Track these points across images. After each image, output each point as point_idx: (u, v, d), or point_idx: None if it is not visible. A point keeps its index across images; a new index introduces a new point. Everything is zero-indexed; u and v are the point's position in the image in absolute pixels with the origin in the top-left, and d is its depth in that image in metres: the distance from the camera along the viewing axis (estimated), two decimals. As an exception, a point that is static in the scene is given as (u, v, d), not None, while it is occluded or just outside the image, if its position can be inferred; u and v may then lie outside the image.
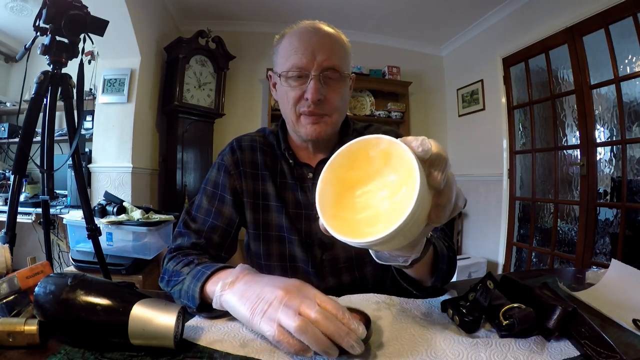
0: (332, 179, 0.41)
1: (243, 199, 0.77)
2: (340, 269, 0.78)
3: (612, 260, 0.72)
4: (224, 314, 0.53)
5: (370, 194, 0.40)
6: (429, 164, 0.36)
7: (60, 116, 2.09)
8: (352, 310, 0.48)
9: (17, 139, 2.24)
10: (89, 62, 2.68)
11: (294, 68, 0.68)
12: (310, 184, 0.78)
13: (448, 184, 0.38)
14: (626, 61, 2.14)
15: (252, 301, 0.46)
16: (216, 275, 0.55)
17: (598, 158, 2.34)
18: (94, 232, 1.48)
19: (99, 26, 1.37)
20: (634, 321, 0.51)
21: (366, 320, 0.46)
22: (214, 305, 0.51)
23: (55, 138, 1.50)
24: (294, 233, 0.76)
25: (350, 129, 0.81)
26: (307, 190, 0.77)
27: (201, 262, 0.62)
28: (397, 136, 0.83)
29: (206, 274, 0.55)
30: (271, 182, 0.78)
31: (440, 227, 0.73)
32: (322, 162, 0.77)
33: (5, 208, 1.29)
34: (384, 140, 0.38)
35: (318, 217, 0.39)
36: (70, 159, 1.41)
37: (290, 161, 0.78)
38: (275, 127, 0.82)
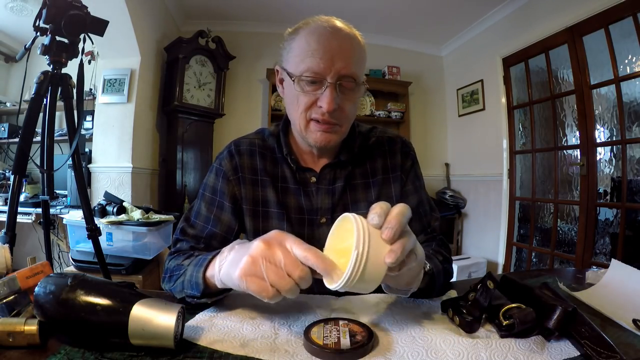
0: (328, 248, 0.49)
1: (242, 206, 0.74)
2: None
3: (612, 260, 0.72)
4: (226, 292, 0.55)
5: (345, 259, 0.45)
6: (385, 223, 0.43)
7: (60, 116, 2.09)
8: (352, 321, 0.50)
9: (17, 139, 2.24)
10: (89, 62, 2.68)
11: (309, 72, 0.63)
12: (314, 188, 0.74)
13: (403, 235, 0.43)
14: (626, 61, 2.14)
15: (241, 264, 0.46)
16: (216, 257, 0.55)
17: (598, 158, 2.34)
18: (94, 232, 1.48)
19: (99, 26, 1.37)
20: (634, 321, 0.51)
21: (368, 332, 0.47)
22: (218, 285, 0.52)
23: (55, 138, 1.50)
24: None
25: (355, 132, 0.78)
26: (311, 195, 0.74)
27: (201, 254, 0.62)
28: (403, 141, 0.81)
29: (207, 259, 0.55)
30: (272, 187, 0.74)
31: (439, 237, 0.75)
32: (326, 167, 0.74)
33: (5, 208, 1.29)
34: (346, 218, 0.46)
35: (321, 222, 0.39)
36: (70, 159, 1.41)
37: (293, 166, 0.74)
38: (276, 129, 0.78)
